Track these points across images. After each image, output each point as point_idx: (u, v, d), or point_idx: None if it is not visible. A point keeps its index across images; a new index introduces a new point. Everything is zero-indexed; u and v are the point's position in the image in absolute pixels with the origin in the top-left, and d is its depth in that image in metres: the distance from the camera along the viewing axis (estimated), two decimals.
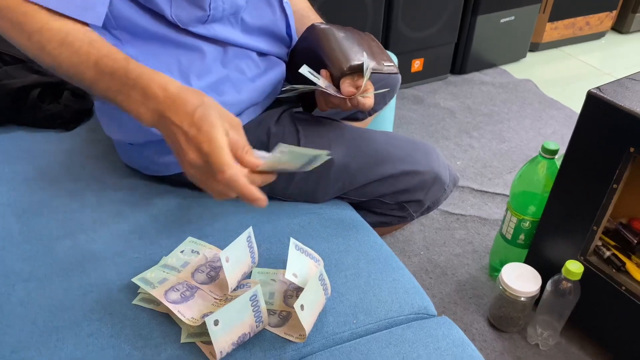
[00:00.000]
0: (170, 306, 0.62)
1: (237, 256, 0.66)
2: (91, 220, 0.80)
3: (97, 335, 0.63)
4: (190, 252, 0.73)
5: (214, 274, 0.68)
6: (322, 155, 0.62)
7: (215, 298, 0.65)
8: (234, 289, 0.67)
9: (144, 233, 0.78)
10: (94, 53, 0.59)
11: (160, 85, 0.58)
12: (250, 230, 0.69)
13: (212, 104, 0.59)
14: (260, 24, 0.81)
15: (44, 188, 0.86)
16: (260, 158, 0.61)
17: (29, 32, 0.59)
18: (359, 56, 0.77)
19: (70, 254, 0.74)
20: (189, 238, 0.76)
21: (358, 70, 0.76)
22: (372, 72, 0.77)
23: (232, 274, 0.65)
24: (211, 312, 0.60)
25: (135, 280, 0.66)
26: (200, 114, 0.57)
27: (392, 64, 0.82)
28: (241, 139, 0.60)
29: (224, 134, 0.57)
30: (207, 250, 0.73)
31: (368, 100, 0.77)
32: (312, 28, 0.82)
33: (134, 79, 0.58)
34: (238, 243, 0.66)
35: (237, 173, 0.57)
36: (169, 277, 0.67)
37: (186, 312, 0.62)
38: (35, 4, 0.59)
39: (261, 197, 0.58)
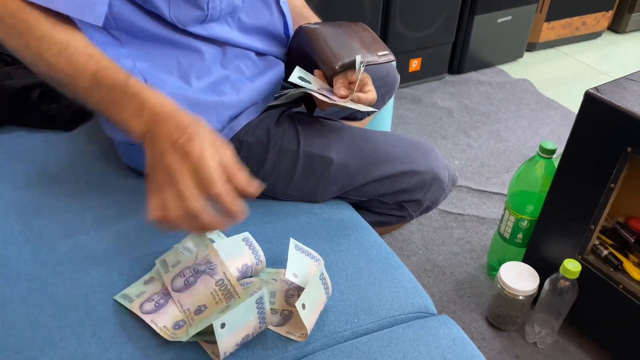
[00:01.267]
0: (144, 317, 0.63)
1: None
2: (92, 220, 0.80)
3: (99, 335, 0.63)
4: (188, 249, 0.72)
5: (192, 279, 0.68)
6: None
7: (182, 308, 0.65)
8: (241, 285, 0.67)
9: (144, 233, 0.78)
10: (92, 65, 0.60)
11: (159, 101, 0.59)
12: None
13: (205, 125, 0.59)
14: (257, 24, 0.81)
15: (44, 188, 0.86)
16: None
17: (27, 40, 0.59)
18: (350, 53, 0.77)
19: (72, 254, 0.74)
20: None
21: (350, 67, 0.77)
22: (366, 65, 0.77)
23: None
24: (181, 320, 0.62)
25: (116, 297, 0.67)
26: (193, 129, 0.57)
27: (386, 52, 0.82)
28: (232, 158, 0.59)
29: (214, 151, 0.57)
30: (202, 252, 0.72)
31: (370, 94, 0.77)
32: (300, 30, 0.82)
33: (132, 94, 0.59)
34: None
35: (228, 189, 0.56)
36: (147, 289, 0.68)
37: (158, 321, 0.63)
38: (37, 7, 0.59)
39: (244, 210, 0.58)
